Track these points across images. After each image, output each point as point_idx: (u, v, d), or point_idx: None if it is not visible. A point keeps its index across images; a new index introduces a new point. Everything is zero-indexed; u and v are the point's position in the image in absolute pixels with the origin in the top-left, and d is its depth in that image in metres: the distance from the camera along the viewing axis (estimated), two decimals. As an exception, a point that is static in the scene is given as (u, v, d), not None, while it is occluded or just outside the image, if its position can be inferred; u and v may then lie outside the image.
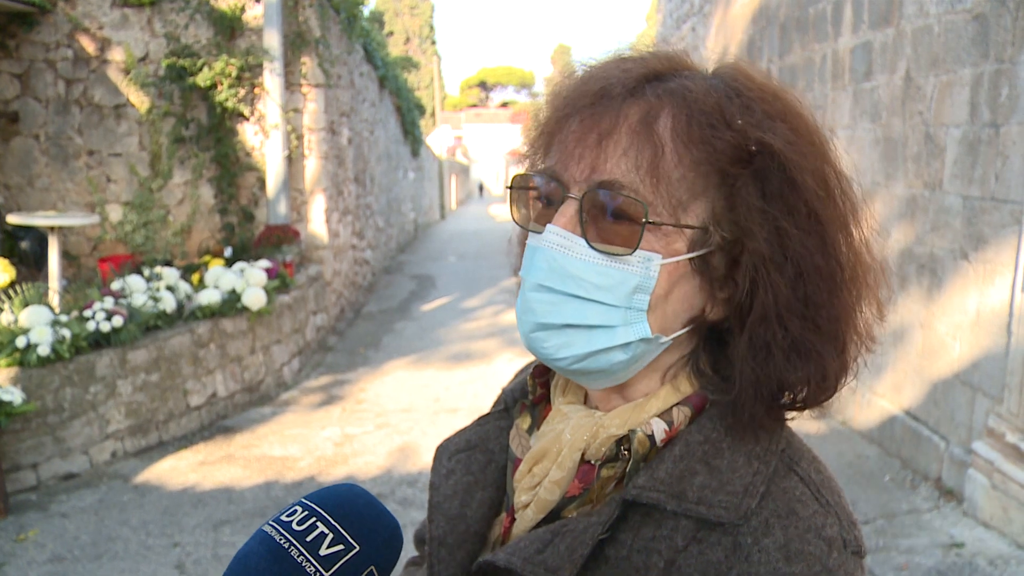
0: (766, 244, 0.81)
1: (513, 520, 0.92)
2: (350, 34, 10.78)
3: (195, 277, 7.19)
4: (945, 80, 5.06)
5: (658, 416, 0.87)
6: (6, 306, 5.62)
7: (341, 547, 0.72)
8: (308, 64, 8.87)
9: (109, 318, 5.71)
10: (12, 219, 6.87)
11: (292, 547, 0.71)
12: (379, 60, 13.77)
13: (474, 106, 74.18)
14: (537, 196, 0.90)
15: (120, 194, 8.86)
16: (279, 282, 7.63)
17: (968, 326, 4.89)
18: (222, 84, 8.45)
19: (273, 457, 5.87)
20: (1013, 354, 4.49)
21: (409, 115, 18.57)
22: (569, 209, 0.84)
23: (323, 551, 0.71)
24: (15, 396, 4.89)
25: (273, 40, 8.48)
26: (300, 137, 8.98)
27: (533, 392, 1.00)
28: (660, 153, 0.81)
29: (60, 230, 6.78)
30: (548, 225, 0.85)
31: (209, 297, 6.71)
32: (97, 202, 8.78)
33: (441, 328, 10.25)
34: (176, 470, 5.63)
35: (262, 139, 8.80)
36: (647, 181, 0.81)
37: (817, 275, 0.82)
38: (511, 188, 0.92)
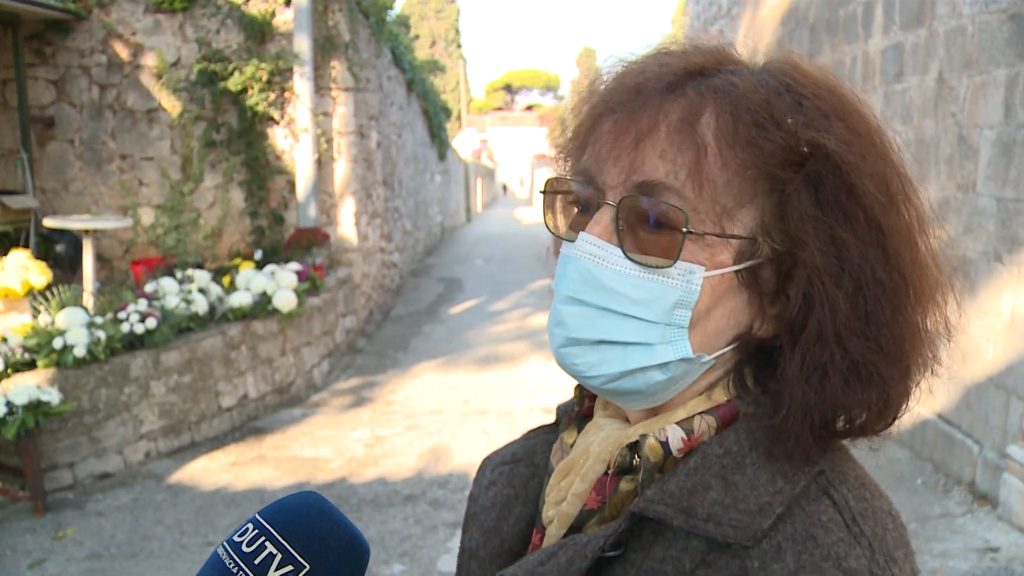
0: (821, 255, 0.74)
1: (543, 537, 0.86)
2: (378, 38, 10.85)
3: (226, 279, 7.27)
4: (979, 81, 5.02)
5: (678, 424, 0.79)
6: (43, 308, 5.72)
7: (290, 568, 0.71)
8: (337, 68, 8.94)
9: (143, 320, 5.79)
10: (48, 223, 6.99)
11: (240, 571, 0.71)
12: (407, 63, 13.83)
13: (499, 109, 74.27)
14: (571, 202, 0.85)
15: (152, 197, 8.98)
16: (309, 284, 7.70)
17: (1002, 329, 4.84)
18: (252, 88, 8.54)
19: (304, 458, 5.92)
20: (1049, 357, 4.43)
21: (436, 118, 18.62)
22: (604, 216, 0.78)
23: (271, 574, 0.71)
24: (53, 396, 4.98)
25: (303, 44, 8.56)
26: (329, 140, 9.05)
27: (580, 404, 0.94)
28: (703, 155, 0.74)
29: (94, 233, 6.87)
30: (581, 233, 0.78)
31: (240, 299, 6.78)
32: (130, 205, 8.90)
33: (469, 331, 10.28)
34: (208, 470, 5.70)
35: (292, 143, 8.89)
36: (688, 186, 0.74)
37: (879, 290, 0.75)
38: (544, 193, 0.86)
